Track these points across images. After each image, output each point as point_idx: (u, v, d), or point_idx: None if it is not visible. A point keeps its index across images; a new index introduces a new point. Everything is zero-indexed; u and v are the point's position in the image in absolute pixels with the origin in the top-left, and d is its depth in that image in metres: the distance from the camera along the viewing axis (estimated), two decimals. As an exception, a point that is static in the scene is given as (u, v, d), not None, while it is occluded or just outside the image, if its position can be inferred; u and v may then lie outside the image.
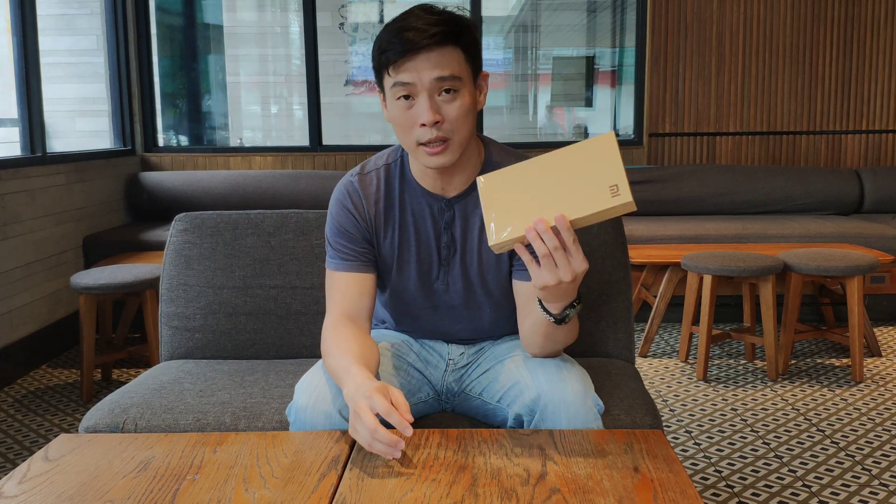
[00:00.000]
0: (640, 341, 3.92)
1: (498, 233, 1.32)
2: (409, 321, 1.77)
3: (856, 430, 2.92)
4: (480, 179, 1.36)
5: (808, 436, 2.88)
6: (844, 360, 3.76)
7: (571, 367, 1.57)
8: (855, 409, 3.15)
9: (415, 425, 1.66)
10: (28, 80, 3.87)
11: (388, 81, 1.50)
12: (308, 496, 1.19)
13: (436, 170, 1.57)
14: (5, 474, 2.05)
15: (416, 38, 1.44)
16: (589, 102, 5.85)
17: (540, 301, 1.44)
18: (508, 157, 1.66)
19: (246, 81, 5.86)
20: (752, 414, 3.10)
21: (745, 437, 2.87)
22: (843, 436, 2.87)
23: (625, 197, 1.26)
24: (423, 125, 1.48)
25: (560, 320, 1.45)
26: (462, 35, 1.50)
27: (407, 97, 1.49)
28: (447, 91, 1.48)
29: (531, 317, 1.56)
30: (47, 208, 3.94)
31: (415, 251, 1.66)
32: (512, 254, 1.64)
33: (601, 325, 2.07)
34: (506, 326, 1.74)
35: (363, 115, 5.82)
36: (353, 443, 1.39)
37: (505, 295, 1.69)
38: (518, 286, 1.64)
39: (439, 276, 1.67)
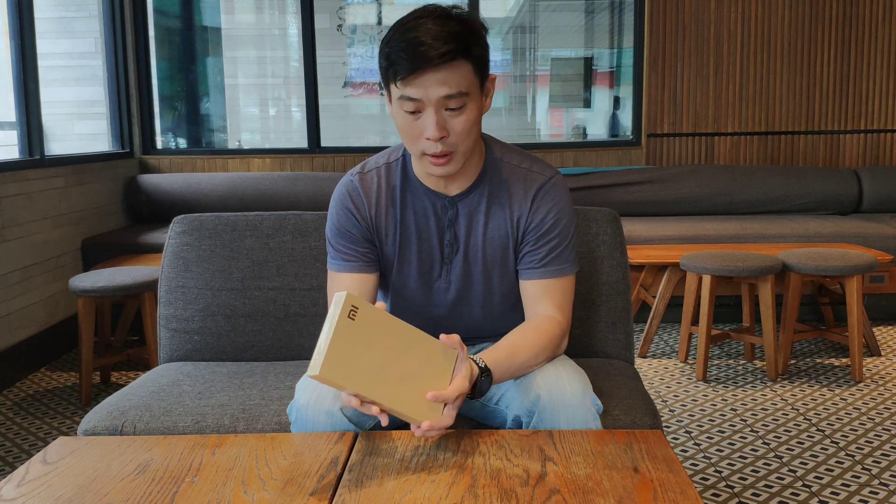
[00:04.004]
0: (640, 342, 3.92)
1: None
2: (408, 320, 1.76)
3: (856, 430, 2.92)
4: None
5: (808, 436, 2.87)
6: (844, 360, 3.76)
7: (570, 368, 1.57)
8: (855, 408, 3.15)
9: (414, 426, 1.66)
10: (26, 83, 3.87)
11: (395, 92, 1.49)
12: (307, 498, 1.19)
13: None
14: (4, 477, 2.05)
15: (426, 54, 1.42)
16: (587, 103, 5.85)
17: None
18: (510, 153, 1.67)
19: (244, 84, 5.86)
20: (752, 414, 3.10)
21: (745, 438, 2.86)
22: (842, 435, 2.87)
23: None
24: (429, 139, 1.49)
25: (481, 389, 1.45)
26: (472, 49, 1.48)
27: (413, 111, 1.49)
28: (453, 107, 1.48)
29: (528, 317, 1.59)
30: (46, 211, 3.93)
31: (416, 249, 1.66)
32: (517, 252, 1.65)
33: (600, 325, 2.07)
34: (501, 325, 1.74)
35: (361, 117, 5.81)
36: (352, 444, 1.39)
37: (505, 294, 1.69)
38: (524, 285, 1.65)
39: (441, 275, 1.67)
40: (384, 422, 1.31)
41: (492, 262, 1.65)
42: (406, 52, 1.43)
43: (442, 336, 1.39)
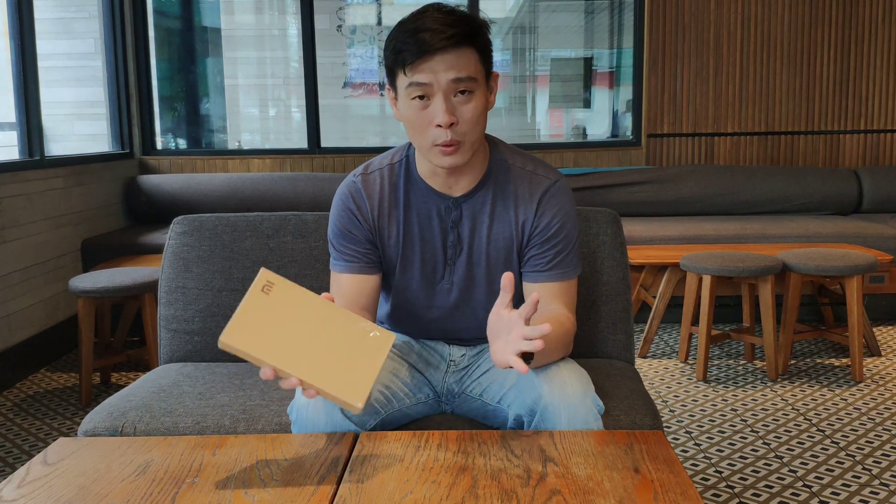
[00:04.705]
0: (640, 342, 3.92)
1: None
2: (410, 320, 1.77)
3: (856, 430, 2.92)
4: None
5: (808, 436, 2.87)
6: (844, 360, 3.76)
7: (571, 368, 1.56)
8: (855, 408, 3.15)
9: (415, 426, 1.67)
10: (26, 84, 3.87)
11: (403, 81, 1.50)
12: (308, 499, 1.19)
13: (446, 169, 1.58)
14: (4, 478, 2.05)
15: (432, 39, 1.45)
16: (587, 104, 5.85)
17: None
18: (515, 155, 1.67)
19: (244, 84, 5.86)
20: (752, 414, 3.09)
21: (746, 438, 2.86)
22: (843, 436, 2.87)
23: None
24: (439, 126, 1.49)
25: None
26: (477, 36, 1.50)
27: (422, 97, 1.49)
28: (462, 92, 1.49)
29: (537, 320, 1.56)
30: (46, 212, 3.93)
31: (419, 250, 1.66)
32: (521, 254, 1.65)
33: (601, 325, 2.07)
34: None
35: (361, 118, 5.82)
36: (352, 444, 1.39)
37: None
38: (529, 289, 1.64)
39: (444, 276, 1.67)
40: (307, 396, 1.29)
41: (495, 264, 1.65)
42: (413, 38, 1.46)
43: (505, 276, 1.36)
